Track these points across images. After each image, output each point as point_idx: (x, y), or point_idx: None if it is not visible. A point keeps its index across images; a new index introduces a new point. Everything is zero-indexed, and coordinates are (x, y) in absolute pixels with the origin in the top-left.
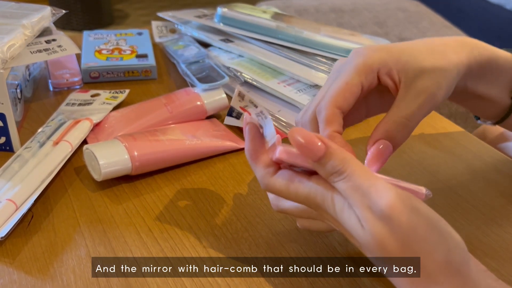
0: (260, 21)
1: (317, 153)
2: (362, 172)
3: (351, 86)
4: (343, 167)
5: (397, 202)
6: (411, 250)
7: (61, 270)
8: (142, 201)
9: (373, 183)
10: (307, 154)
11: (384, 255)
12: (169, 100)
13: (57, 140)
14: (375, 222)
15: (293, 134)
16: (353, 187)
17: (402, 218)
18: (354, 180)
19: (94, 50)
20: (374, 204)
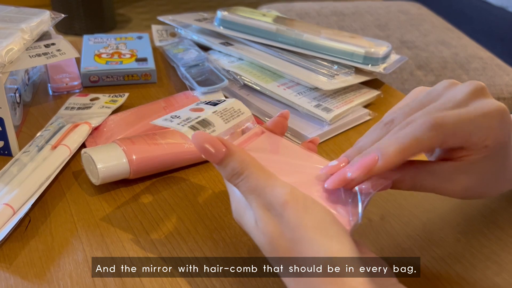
0: (260, 24)
1: (218, 155)
2: (260, 173)
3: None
4: (241, 169)
5: (290, 200)
6: (298, 250)
7: (58, 275)
8: (140, 205)
9: (269, 183)
10: (210, 157)
11: (274, 254)
12: (168, 104)
13: (55, 144)
14: (268, 220)
15: (197, 136)
16: (251, 188)
17: (292, 216)
18: (251, 181)
19: (94, 54)
20: (268, 202)
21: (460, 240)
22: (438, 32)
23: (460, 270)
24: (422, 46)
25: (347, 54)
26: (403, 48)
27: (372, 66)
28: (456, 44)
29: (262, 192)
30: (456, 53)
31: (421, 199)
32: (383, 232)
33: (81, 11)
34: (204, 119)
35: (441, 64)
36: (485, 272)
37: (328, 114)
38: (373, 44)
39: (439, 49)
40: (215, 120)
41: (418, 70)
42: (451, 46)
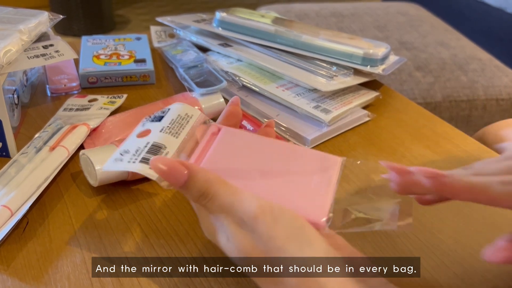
0: (258, 25)
1: (181, 179)
2: (226, 189)
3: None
4: (207, 189)
5: (260, 214)
6: (273, 262)
7: (56, 277)
8: (138, 206)
9: (236, 198)
10: (172, 182)
11: (251, 269)
12: (166, 105)
13: (53, 145)
14: (241, 236)
15: (154, 163)
16: (219, 206)
17: (263, 229)
18: (219, 199)
19: (92, 55)
20: (239, 219)
21: (459, 242)
22: (436, 33)
23: (459, 272)
24: (421, 47)
25: (345, 55)
26: (402, 49)
27: (371, 67)
28: (455, 45)
29: (231, 209)
30: (455, 54)
31: None
32: (382, 234)
33: (80, 12)
34: (153, 144)
35: (440, 65)
36: (485, 274)
37: (327, 115)
38: (371, 45)
39: (438, 50)
40: (165, 139)
41: (417, 71)
42: (450, 47)
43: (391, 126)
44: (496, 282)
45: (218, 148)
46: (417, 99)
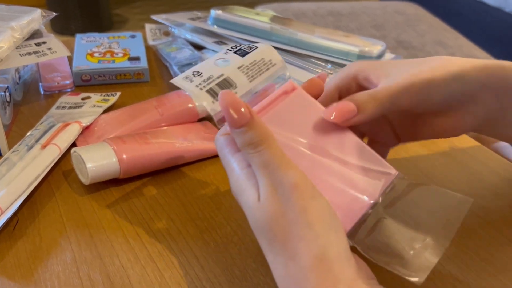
0: (254, 23)
1: (240, 120)
2: (277, 150)
3: (328, 85)
4: (260, 141)
5: (301, 185)
6: (295, 234)
7: (46, 275)
8: (130, 205)
9: (283, 162)
10: (231, 120)
11: (269, 233)
12: (160, 103)
13: (45, 143)
14: (274, 198)
15: (224, 96)
16: (264, 162)
17: (298, 200)
18: (267, 155)
19: (86, 53)
20: (279, 181)
21: (454, 240)
22: (434, 32)
23: (454, 271)
24: (418, 47)
25: (341, 53)
26: (399, 48)
27: None
28: (453, 44)
29: (275, 169)
30: (453, 53)
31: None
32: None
33: (77, 12)
34: (226, 79)
35: None
36: (480, 273)
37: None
38: (367, 43)
39: (436, 49)
40: (238, 78)
41: None
42: (448, 47)
43: None
44: (492, 282)
45: (283, 109)
46: None
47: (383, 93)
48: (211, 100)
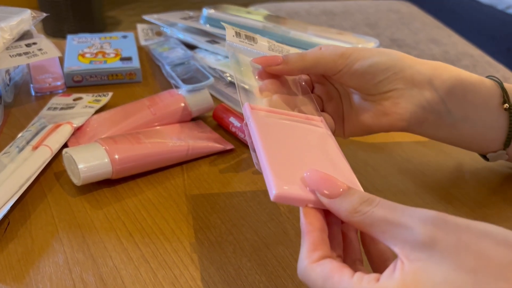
0: (246, 22)
1: (342, 185)
2: (386, 201)
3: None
4: (371, 197)
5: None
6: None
7: (37, 278)
8: (123, 205)
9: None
10: (332, 189)
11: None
12: (152, 102)
13: (36, 144)
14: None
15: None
16: (387, 216)
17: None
18: (387, 206)
19: (78, 54)
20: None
21: None
22: (428, 30)
23: None
24: (412, 44)
25: None
26: (393, 47)
27: None
28: (447, 42)
29: (403, 222)
30: (446, 50)
31: (410, 194)
32: None
33: (70, 14)
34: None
35: None
36: None
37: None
38: (360, 40)
39: (429, 47)
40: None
41: None
42: (441, 44)
43: None
44: None
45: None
46: None
47: (310, 54)
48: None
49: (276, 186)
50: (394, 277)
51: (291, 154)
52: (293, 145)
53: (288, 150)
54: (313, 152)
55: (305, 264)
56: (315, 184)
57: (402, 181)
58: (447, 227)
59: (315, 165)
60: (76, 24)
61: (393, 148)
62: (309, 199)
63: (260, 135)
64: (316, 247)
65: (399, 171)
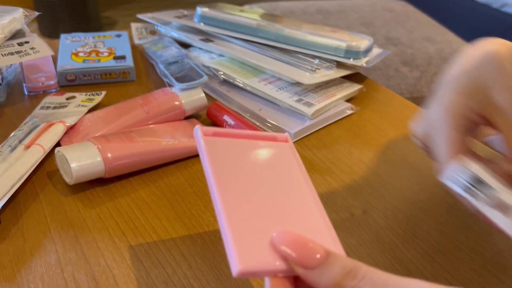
0: (240, 20)
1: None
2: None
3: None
4: (356, 265)
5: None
6: None
7: (29, 277)
8: (116, 204)
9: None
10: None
11: None
12: (145, 101)
13: (28, 143)
14: None
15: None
16: (382, 284)
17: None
18: (377, 276)
19: (71, 53)
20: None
21: (444, 233)
22: (423, 28)
23: (444, 263)
24: (407, 43)
25: (328, 48)
26: (388, 45)
27: (354, 60)
28: (441, 40)
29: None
30: (441, 49)
31: (404, 192)
32: (365, 226)
33: (65, 14)
34: None
35: (427, 60)
36: (470, 264)
37: (310, 109)
38: (355, 38)
39: (424, 45)
40: None
41: (404, 66)
42: (436, 42)
43: (375, 118)
44: (482, 272)
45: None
46: (404, 94)
47: None
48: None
49: (239, 261)
50: None
51: (254, 202)
52: (254, 183)
53: (249, 194)
54: (281, 191)
55: None
56: (286, 251)
57: (397, 179)
58: None
59: (284, 215)
60: (71, 25)
61: (388, 146)
62: (279, 269)
63: (214, 174)
64: None
65: (394, 169)
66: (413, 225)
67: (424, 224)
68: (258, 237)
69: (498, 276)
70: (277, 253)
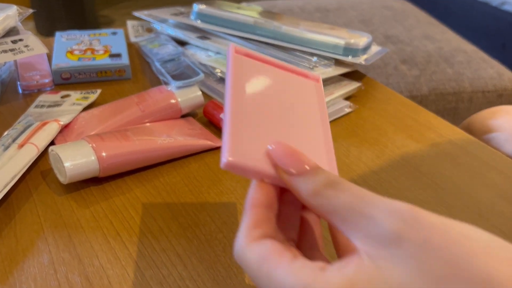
0: (237, 17)
1: (309, 162)
2: (353, 185)
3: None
4: (341, 180)
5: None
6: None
7: (21, 278)
8: (111, 204)
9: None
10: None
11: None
12: (141, 99)
13: (22, 142)
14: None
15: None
16: (350, 203)
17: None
18: (350, 190)
19: (66, 51)
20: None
21: None
22: (422, 26)
23: None
24: (406, 41)
25: (327, 45)
26: (387, 43)
27: (352, 58)
28: (440, 38)
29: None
30: (441, 47)
31: (403, 191)
32: None
33: (62, 13)
34: None
35: (426, 58)
36: None
37: None
38: (353, 35)
39: (424, 43)
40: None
41: (403, 64)
42: (435, 40)
43: (374, 116)
44: None
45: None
46: (403, 93)
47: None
48: None
49: (230, 152)
50: (344, 272)
51: (263, 115)
52: (270, 103)
53: (261, 109)
54: (292, 117)
55: (243, 242)
56: (278, 159)
57: (395, 177)
58: (418, 224)
59: (288, 134)
60: (68, 23)
61: (386, 144)
62: (266, 174)
63: (232, 85)
64: (257, 224)
65: (392, 167)
66: None
67: None
68: (255, 140)
69: None
70: (269, 160)
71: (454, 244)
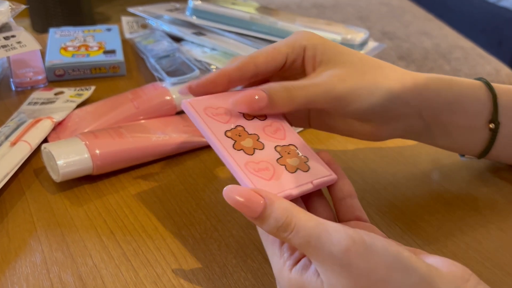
0: (233, 13)
1: (257, 209)
2: (308, 220)
3: (277, 52)
4: (287, 219)
5: (351, 244)
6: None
7: (13, 278)
8: (104, 202)
9: (322, 229)
10: (246, 212)
11: None
12: (135, 96)
13: (14, 140)
14: (336, 273)
15: (229, 193)
16: (304, 239)
17: (359, 261)
18: (303, 231)
19: (60, 47)
20: (329, 253)
21: (441, 228)
22: (419, 23)
23: None
24: (403, 37)
25: None
26: (384, 39)
27: None
28: (438, 34)
29: (319, 242)
30: (438, 43)
31: (400, 188)
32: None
33: (58, 10)
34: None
35: (423, 55)
36: (467, 261)
37: None
38: (350, 31)
39: (421, 39)
40: None
41: (400, 60)
42: (433, 37)
43: None
44: (479, 269)
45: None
46: None
47: (299, 93)
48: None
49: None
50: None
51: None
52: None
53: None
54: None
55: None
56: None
57: (393, 174)
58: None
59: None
60: (64, 20)
61: (384, 141)
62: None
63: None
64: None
65: (389, 164)
66: (409, 221)
67: (420, 220)
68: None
69: (495, 273)
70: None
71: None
